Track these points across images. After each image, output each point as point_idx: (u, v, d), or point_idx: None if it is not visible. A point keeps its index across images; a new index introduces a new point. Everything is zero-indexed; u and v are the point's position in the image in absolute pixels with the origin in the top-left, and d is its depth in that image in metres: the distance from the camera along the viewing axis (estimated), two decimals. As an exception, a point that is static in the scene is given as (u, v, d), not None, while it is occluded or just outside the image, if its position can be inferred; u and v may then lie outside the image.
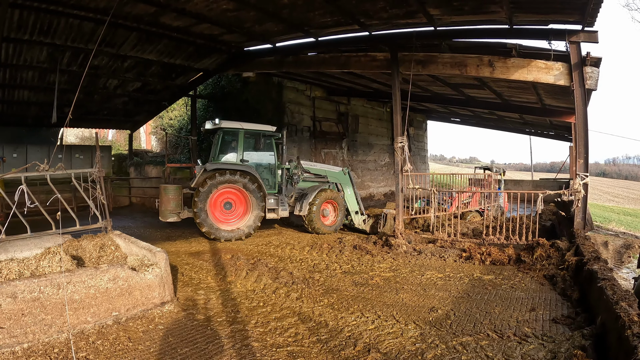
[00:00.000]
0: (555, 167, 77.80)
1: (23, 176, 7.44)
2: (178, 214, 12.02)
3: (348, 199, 14.21)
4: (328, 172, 14.49)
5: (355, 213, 14.24)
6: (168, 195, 12.19)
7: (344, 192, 14.28)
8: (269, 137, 13.15)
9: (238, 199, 12.20)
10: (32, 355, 4.76)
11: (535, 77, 10.24)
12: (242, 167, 12.11)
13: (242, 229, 11.96)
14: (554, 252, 8.66)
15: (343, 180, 14.48)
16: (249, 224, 12.08)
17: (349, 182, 14.49)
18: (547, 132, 28.72)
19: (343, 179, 14.50)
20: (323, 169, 14.53)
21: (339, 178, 14.46)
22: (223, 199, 12.03)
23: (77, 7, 10.77)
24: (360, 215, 14.32)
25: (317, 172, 14.29)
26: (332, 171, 14.59)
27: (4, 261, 7.11)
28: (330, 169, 14.78)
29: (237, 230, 11.91)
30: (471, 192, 15.42)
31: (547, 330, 5.36)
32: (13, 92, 16.21)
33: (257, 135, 12.71)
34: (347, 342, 5.20)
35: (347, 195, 14.27)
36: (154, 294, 6.21)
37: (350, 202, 14.24)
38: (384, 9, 10.22)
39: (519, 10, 9.27)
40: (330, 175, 14.41)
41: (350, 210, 14.20)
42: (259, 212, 12.27)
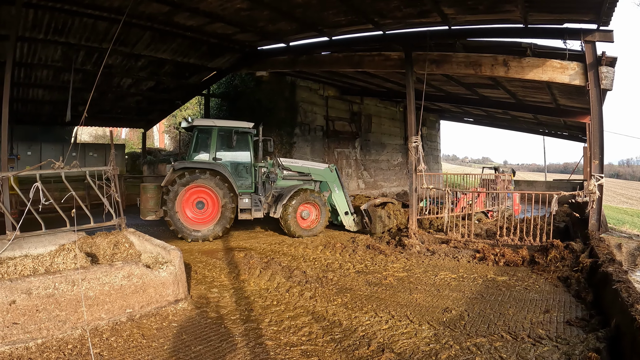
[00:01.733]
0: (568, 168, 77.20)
1: (38, 174, 7.48)
2: (156, 212, 11.74)
3: (336, 199, 13.42)
4: (312, 169, 13.68)
5: (345, 214, 13.41)
6: (147, 194, 11.98)
7: (331, 191, 13.45)
8: (243, 134, 12.64)
9: (210, 199, 11.87)
10: (46, 351, 4.78)
11: (550, 77, 10.16)
12: (210, 166, 11.78)
13: (211, 229, 11.65)
14: (568, 254, 8.58)
15: (329, 178, 13.54)
16: (219, 225, 11.72)
17: (337, 180, 13.53)
18: (560, 133, 28.57)
19: (329, 176, 13.56)
20: (306, 167, 13.74)
21: (324, 176, 13.56)
22: (195, 198, 11.78)
23: (91, 6, 10.86)
24: (350, 215, 13.43)
25: (299, 170, 13.55)
26: (317, 168, 13.73)
27: (18, 257, 7.16)
28: (315, 166, 13.95)
29: (206, 230, 11.62)
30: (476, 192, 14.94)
31: (561, 333, 5.31)
32: (27, 90, 16.32)
33: (231, 132, 12.28)
34: (361, 342, 5.18)
35: (335, 195, 13.43)
36: (168, 292, 6.22)
37: (339, 202, 13.44)
38: (398, 8, 10.19)
39: (533, 9, 9.20)
40: (315, 173, 13.61)
41: (340, 211, 13.43)
42: (229, 213, 11.84)
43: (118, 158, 15.54)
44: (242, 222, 12.74)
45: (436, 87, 17.92)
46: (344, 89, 21.92)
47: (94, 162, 21.96)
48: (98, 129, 31.98)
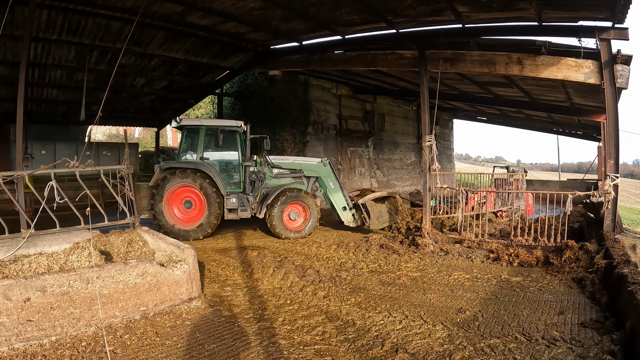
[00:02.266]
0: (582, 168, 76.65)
1: (52, 172, 7.53)
2: (149, 211, 11.78)
3: (331, 194, 12.92)
4: (304, 165, 13.22)
5: (343, 209, 12.88)
6: (141, 193, 12.25)
7: (326, 187, 12.99)
8: (230, 132, 12.46)
9: (197, 198, 11.85)
10: (59, 348, 4.84)
11: (565, 75, 10.06)
12: (195, 166, 11.69)
13: (195, 228, 11.58)
14: (583, 255, 8.50)
15: (323, 172, 13.05)
16: (205, 224, 11.64)
17: (331, 174, 13.01)
18: (575, 132, 28.34)
19: (323, 171, 13.05)
20: (297, 163, 13.32)
21: (317, 171, 13.08)
22: (183, 198, 11.82)
23: (104, 6, 10.92)
24: (349, 210, 12.87)
25: (290, 166, 13.17)
26: (309, 164, 13.25)
27: (33, 255, 7.24)
28: (307, 161, 13.50)
29: (192, 229, 11.56)
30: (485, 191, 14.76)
31: (575, 335, 5.27)
32: (42, 90, 16.42)
33: (218, 131, 12.09)
34: (375, 342, 5.18)
35: (330, 190, 12.93)
36: (182, 290, 6.25)
37: (335, 197, 12.92)
38: (412, 6, 10.13)
39: (548, 7, 9.11)
40: (307, 169, 13.14)
41: (337, 207, 12.93)
42: (214, 213, 11.69)
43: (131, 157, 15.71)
44: (255, 221, 12.73)
45: (449, 85, 17.85)
46: (357, 87, 21.87)
47: (108, 161, 22.05)
48: (112, 128, 32.16)
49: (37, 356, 4.65)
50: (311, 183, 13.25)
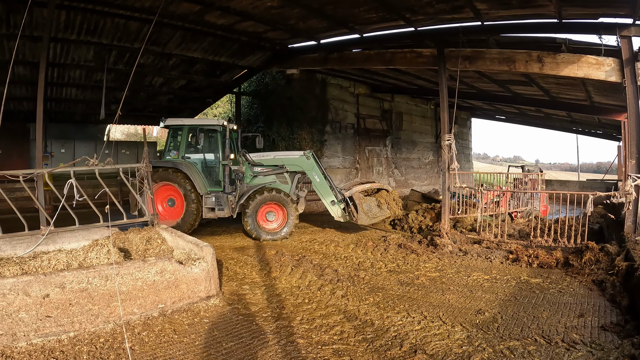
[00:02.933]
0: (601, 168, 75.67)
1: (72, 170, 7.59)
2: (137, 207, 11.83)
3: (318, 188, 12.23)
4: (285, 160, 12.65)
5: (331, 203, 12.05)
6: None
7: (312, 181, 12.33)
8: (211, 132, 12.54)
9: (179, 196, 11.97)
10: (77, 344, 4.87)
11: (585, 74, 9.92)
12: (175, 165, 11.75)
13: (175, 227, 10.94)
14: (603, 257, 8.37)
15: (306, 166, 12.31)
16: (184, 222, 11.72)
17: (315, 167, 12.24)
18: (594, 131, 28.10)
19: (306, 164, 12.32)
20: (279, 158, 12.75)
21: (300, 165, 12.41)
22: (167, 195, 12.04)
23: (122, 7, 10.99)
24: (338, 203, 11.99)
25: (271, 163, 12.67)
26: (290, 158, 12.65)
27: (52, 252, 7.32)
28: (288, 155, 12.85)
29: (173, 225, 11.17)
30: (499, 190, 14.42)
31: (595, 338, 5.19)
32: (61, 90, 16.55)
33: (198, 130, 12.04)
34: (393, 342, 5.15)
35: (316, 184, 12.23)
36: (200, 288, 6.26)
37: (322, 191, 12.18)
38: (430, 3, 10.07)
39: (568, 3, 9.00)
40: (289, 164, 12.56)
41: (324, 201, 12.20)
42: (192, 211, 11.77)
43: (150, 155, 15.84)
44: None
45: (468, 84, 17.74)
46: (375, 86, 21.81)
47: (126, 159, 22.22)
48: (130, 127, 32.44)
49: (55, 352, 4.68)
50: (295, 180, 12.88)
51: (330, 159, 20.15)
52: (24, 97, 16.29)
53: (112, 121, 16.61)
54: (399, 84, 20.67)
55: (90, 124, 22.27)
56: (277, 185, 12.45)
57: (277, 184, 12.52)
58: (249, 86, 21.32)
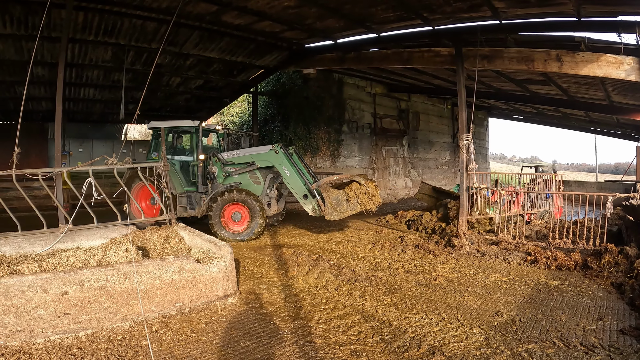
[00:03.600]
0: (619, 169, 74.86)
1: (90, 169, 7.65)
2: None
3: (289, 182, 11.83)
4: (254, 155, 12.29)
5: (303, 197, 11.62)
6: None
7: (282, 175, 11.94)
8: (186, 133, 12.80)
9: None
10: (95, 341, 4.91)
11: (605, 73, 9.81)
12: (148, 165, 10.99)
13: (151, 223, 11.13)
14: (622, 259, 8.25)
15: (275, 160, 11.93)
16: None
17: (284, 161, 11.80)
18: (613, 131, 27.85)
19: (275, 159, 11.94)
20: (248, 155, 12.41)
21: (269, 160, 12.04)
22: (149, 195, 12.18)
23: (139, 7, 11.07)
24: (312, 198, 11.47)
25: (242, 160, 12.38)
26: (260, 153, 12.26)
27: (70, 250, 7.40)
28: (257, 151, 12.47)
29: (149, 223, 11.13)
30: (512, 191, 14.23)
31: (614, 342, 5.12)
32: (79, 90, 16.68)
33: (173, 132, 12.49)
34: (411, 344, 5.13)
35: (287, 178, 11.81)
36: (218, 287, 6.29)
37: (294, 186, 11.79)
38: (448, 2, 10.01)
39: (586, 1, 8.88)
40: (259, 160, 12.20)
41: (297, 196, 11.82)
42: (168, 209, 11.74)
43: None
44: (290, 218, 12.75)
45: (485, 83, 17.62)
46: (392, 85, 21.81)
47: (144, 158, 22.28)
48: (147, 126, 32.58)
49: (72, 348, 4.72)
50: (267, 180, 12.59)
51: (347, 158, 20.17)
52: (42, 97, 16.50)
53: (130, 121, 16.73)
54: (416, 83, 20.63)
55: (107, 123, 22.45)
56: (248, 186, 12.33)
57: (249, 184, 12.39)
58: (265, 86, 21.39)
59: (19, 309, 4.77)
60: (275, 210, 13.11)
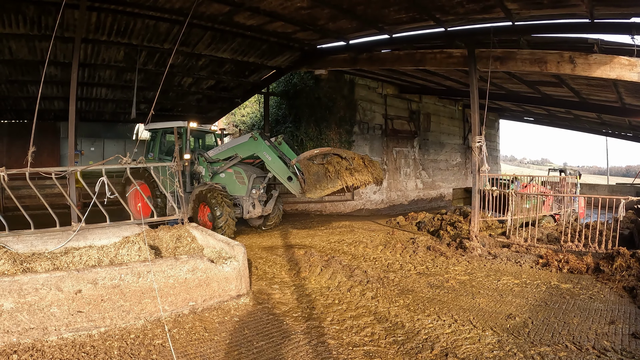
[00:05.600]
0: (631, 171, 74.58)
1: (103, 168, 7.70)
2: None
3: (272, 167, 11.35)
4: (236, 147, 11.93)
5: (288, 180, 11.06)
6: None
7: (264, 161, 11.52)
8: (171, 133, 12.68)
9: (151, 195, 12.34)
10: (108, 339, 4.94)
11: (618, 75, 9.75)
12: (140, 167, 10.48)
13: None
14: (635, 263, 8.20)
15: (256, 148, 11.47)
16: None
17: (264, 146, 11.36)
18: (624, 133, 27.68)
19: (255, 146, 11.51)
20: (230, 148, 12.07)
21: (251, 148, 11.63)
22: (147, 194, 12.23)
23: (152, 8, 11.12)
24: (296, 180, 10.90)
25: (225, 155, 12.08)
26: (240, 144, 11.87)
27: (83, 248, 7.46)
28: (238, 141, 12.06)
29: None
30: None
31: (626, 345, 5.10)
32: (91, 89, 16.78)
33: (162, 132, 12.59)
34: (424, 345, 5.12)
35: (268, 163, 11.36)
36: (231, 287, 6.32)
37: (276, 169, 11.27)
38: (461, 3, 10.00)
39: (600, 3, 8.84)
40: (241, 150, 11.81)
41: (281, 179, 11.26)
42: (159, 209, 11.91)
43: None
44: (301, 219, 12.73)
45: (497, 85, 17.59)
46: (403, 87, 21.82)
47: (154, 158, 22.51)
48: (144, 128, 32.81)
49: (85, 346, 4.75)
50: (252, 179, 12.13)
51: (358, 159, 20.19)
52: (54, 97, 16.62)
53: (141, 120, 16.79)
54: (427, 84, 20.62)
55: (119, 122, 22.59)
56: (232, 185, 12.07)
57: (234, 184, 12.09)
58: (277, 86, 21.45)
59: (32, 307, 4.81)
60: (260, 212, 12.50)
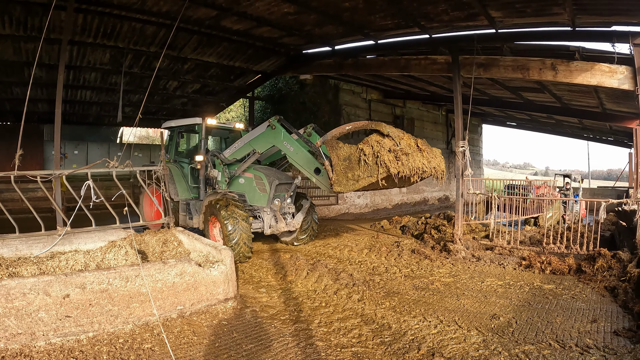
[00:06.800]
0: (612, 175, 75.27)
1: (89, 172, 7.68)
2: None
3: (294, 159, 9.12)
4: (253, 142, 9.81)
5: (315, 173, 8.72)
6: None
7: (286, 153, 9.32)
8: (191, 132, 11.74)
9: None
10: (97, 344, 4.92)
11: (598, 81, 9.97)
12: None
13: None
14: (615, 264, 8.44)
15: (276, 139, 9.32)
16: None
17: (285, 136, 9.18)
18: (605, 138, 28.11)
19: (274, 137, 9.34)
20: (247, 143, 9.93)
21: (269, 140, 9.50)
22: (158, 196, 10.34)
23: (139, 11, 11.10)
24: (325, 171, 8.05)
25: (242, 153, 10.06)
26: (257, 136, 9.71)
27: (69, 252, 7.38)
28: (255, 133, 9.84)
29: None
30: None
31: (608, 343, 5.25)
32: (76, 92, 16.63)
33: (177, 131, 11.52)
34: (411, 346, 5.21)
35: (291, 154, 9.13)
36: (219, 290, 6.34)
37: (300, 161, 8.99)
38: (445, 11, 10.13)
39: (581, 12, 9.05)
40: (258, 144, 9.75)
41: (308, 174, 8.92)
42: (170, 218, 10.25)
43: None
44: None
45: (480, 90, 17.76)
46: (387, 92, 21.92)
47: (139, 162, 22.33)
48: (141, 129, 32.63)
49: (74, 351, 4.73)
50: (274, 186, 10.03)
51: (343, 164, 20.22)
52: (38, 99, 16.43)
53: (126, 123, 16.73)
54: (411, 90, 20.77)
55: (103, 126, 22.42)
56: (252, 194, 10.28)
57: (253, 192, 10.26)
58: (262, 91, 21.48)
59: (20, 312, 4.77)
60: (283, 227, 10.24)
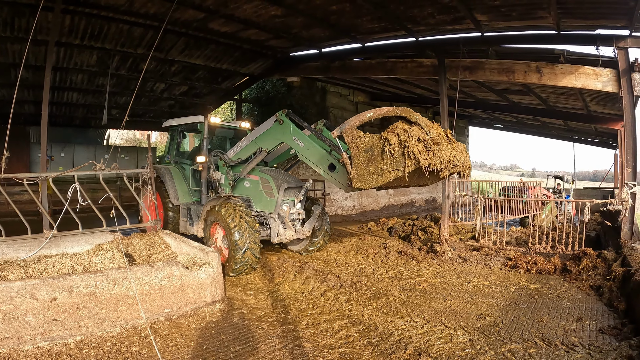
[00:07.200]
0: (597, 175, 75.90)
1: (76, 175, 7.64)
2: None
3: (305, 155, 8.25)
4: (259, 139, 8.99)
5: (329, 169, 7.84)
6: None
7: (296, 150, 8.54)
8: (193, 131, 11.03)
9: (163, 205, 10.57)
10: (84, 347, 4.91)
11: (583, 84, 10.09)
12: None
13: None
14: (601, 263, 8.52)
15: (284, 134, 8.51)
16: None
17: (294, 130, 8.41)
18: (591, 139, 28.25)
19: (282, 132, 8.54)
20: (253, 140, 9.10)
21: (277, 136, 8.66)
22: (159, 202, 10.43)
23: (127, 13, 11.08)
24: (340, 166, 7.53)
25: (248, 152, 9.28)
26: (264, 132, 8.88)
27: (55, 255, 7.34)
28: (261, 130, 8.99)
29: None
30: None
31: (594, 340, 5.32)
32: (62, 94, 16.54)
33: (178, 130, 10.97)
34: (398, 346, 5.25)
35: (301, 150, 8.30)
36: (206, 293, 6.34)
37: (312, 158, 8.13)
38: (432, 14, 10.20)
39: (566, 15, 9.16)
40: (265, 141, 8.91)
41: (321, 172, 7.96)
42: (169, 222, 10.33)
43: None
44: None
45: (467, 93, 17.85)
46: (374, 94, 21.95)
47: (126, 164, 22.24)
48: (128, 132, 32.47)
49: (62, 355, 4.73)
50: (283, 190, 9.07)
51: (330, 166, 20.25)
52: (24, 101, 16.27)
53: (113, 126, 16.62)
54: (398, 92, 20.82)
55: (90, 128, 22.28)
56: (259, 198, 9.46)
57: (260, 196, 9.42)
58: (249, 93, 21.46)
59: (6, 316, 4.75)
60: (292, 234, 9.24)
